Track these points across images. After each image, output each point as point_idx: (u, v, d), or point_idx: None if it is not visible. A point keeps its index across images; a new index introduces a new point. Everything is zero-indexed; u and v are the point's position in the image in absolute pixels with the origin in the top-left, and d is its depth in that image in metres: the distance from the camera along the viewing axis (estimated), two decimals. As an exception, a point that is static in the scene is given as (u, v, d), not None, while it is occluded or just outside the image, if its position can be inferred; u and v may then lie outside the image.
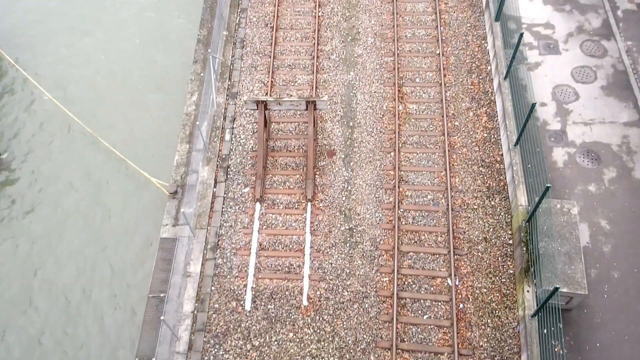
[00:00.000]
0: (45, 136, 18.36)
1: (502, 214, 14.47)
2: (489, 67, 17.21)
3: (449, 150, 15.63)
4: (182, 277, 13.82)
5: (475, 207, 14.64)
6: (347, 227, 14.58)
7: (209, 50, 17.32)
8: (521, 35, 14.65)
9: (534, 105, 13.26)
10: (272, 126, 16.53)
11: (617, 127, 14.90)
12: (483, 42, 17.79)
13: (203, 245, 14.31)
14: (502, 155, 15.43)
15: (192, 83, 17.15)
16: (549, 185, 11.81)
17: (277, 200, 15.11)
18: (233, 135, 16.36)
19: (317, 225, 14.64)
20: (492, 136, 15.86)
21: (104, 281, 15.76)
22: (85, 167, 17.66)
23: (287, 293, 13.64)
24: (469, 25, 18.24)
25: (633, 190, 13.85)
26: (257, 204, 14.97)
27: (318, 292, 13.62)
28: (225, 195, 15.24)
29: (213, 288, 13.77)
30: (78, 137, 18.15)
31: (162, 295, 13.50)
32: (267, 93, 17.11)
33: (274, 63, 17.76)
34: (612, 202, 13.71)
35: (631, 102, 15.27)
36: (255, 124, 16.50)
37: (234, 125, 16.55)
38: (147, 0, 21.83)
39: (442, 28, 18.19)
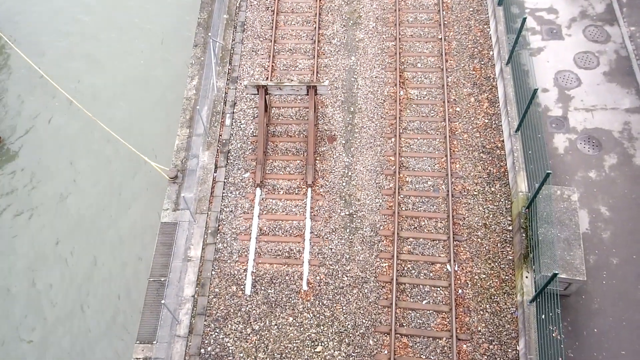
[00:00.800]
0: (43, 120, 18.32)
1: (502, 200, 14.48)
2: (491, 53, 17.08)
3: (449, 136, 15.58)
4: (183, 261, 13.88)
5: (475, 193, 14.65)
6: (347, 213, 14.61)
7: (209, 34, 17.18)
8: (524, 20, 14.51)
9: (535, 91, 13.19)
10: (273, 111, 16.47)
11: (618, 114, 14.83)
12: (485, 26, 17.63)
13: (203, 230, 14.36)
14: (503, 141, 15.39)
15: (192, 67, 17.05)
16: (549, 171, 11.79)
17: (278, 186, 15.12)
18: (233, 120, 16.31)
19: (317, 210, 14.66)
20: (493, 122, 15.80)
21: (104, 265, 15.84)
22: (84, 152, 17.65)
23: (287, 278, 13.72)
24: (471, 9, 18.06)
25: (634, 177, 13.83)
26: (258, 189, 14.98)
27: (318, 277, 13.69)
28: (225, 180, 15.24)
29: (213, 272, 13.85)
30: (77, 121, 18.11)
31: (162, 279, 13.58)
32: (267, 77, 17.02)
33: (275, 47, 17.63)
34: (613, 188, 13.70)
35: (633, 88, 15.18)
36: (255, 108, 16.44)
37: (235, 110, 16.49)
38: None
39: (444, 12, 18.02)
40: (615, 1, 16.80)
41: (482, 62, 16.93)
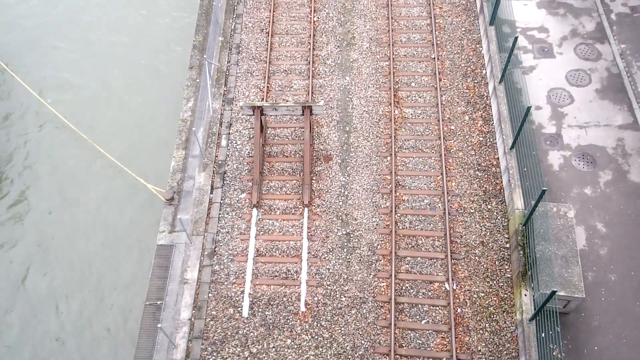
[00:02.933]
0: (39, 142, 18.31)
1: (498, 217, 14.49)
2: (484, 71, 17.26)
3: (445, 154, 15.65)
4: (179, 284, 13.77)
5: (472, 211, 14.66)
6: (344, 232, 14.57)
7: (205, 56, 17.32)
8: (515, 39, 14.71)
9: (529, 108, 13.31)
10: (269, 131, 16.53)
11: (612, 130, 14.96)
12: (478, 46, 17.85)
13: (200, 252, 14.28)
14: (498, 158, 15.47)
15: (188, 89, 17.14)
16: (545, 188, 11.84)
17: (274, 206, 15.09)
18: (229, 141, 16.34)
19: (314, 230, 14.62)
20: (488, 140, 15.90)
21: (100, 289, 15.69)
22: (80, 174, 17.60)
23: (284, 299, 13.61)
24: (463, 29, 18.31)
25: (629, 193, 13.89)
26: (254, 209, 14.95)
27: (315, 298, 13.59)
28: (222, 201, 15.21)
29: (210, 295, 13.73)
30: (73, 143, 18.10)
31: (159, 302, 13.45)
32: (263, 98, 17.11)
33: (270, 68, 17.77)
34: (608, 205, 13.75)
35: (625, 105, 15.35)
36: (251, 129, 16.50)
37: (230, 131, 16.55)
38: (141, 5, 21.83)
39: (437, 32, 18.25)
40: (605, 20, 17.08)
41: (476, 81, 17.10)
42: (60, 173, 17.65)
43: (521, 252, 13.13)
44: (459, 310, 13.18)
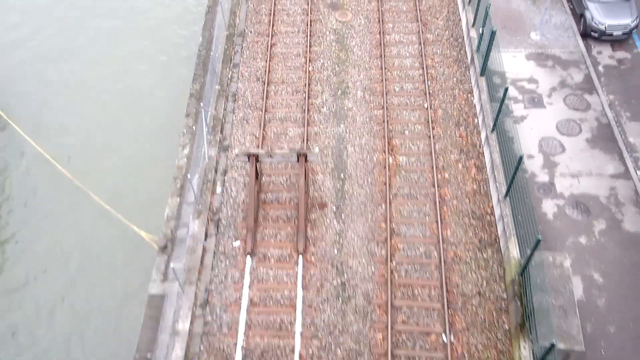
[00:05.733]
0: (31, 187, 18.21)
1: (494, 266, 14.40)
2: (476, 120, 17.56)
3: (439, 202, 15.69)
4: (171, 335, 13.41)
5: (467, 260, 14.57)
6: (339, 281, 14.38)
7: (201, 104, 17.53)
8: (506, 89, 15.04)
9: (521, 157, 13.46)
10: (264, 178, 16.56)
11: (604, 179, 15.12)
12: (469, 95, 18.23)
13: (192, 302, 13.99)
14: (492, 207, 15.52)
15: (184, 136, 17.25)
16: (539, 237, 11.82)
17: (269, 254, 14.94)
18: (224, 188, 16.33)
19: (309, 279, 14.43)
20: (482, 188, 15.99)
21: (90, 340, 15.25)
22: (72, 221, 17.43)
23: (278, 352, 13.26)
24: (455, 79, 18.73)
25: (623, 242, 13.91)
26: (248, 257, 14.78)
27: (310, 350, 13.26)
28: (215, 249, 15.04)
29: (202, 347, 13.36)
30: (66, 189, 17.99)
31: (148, 355, 13.05)
32: (258, 146, 17.23)
33: (266, 116, 17.99)
34: (604, 254, 13.73)
35: (616, 154, 15.58)
36: (246, 176, 16.52)
37: (225, 178, 16.56)
38: (141, 54, 22.26)
39: (429, 82, 18.65)
40: (593, 71, 17.57)
41: (468, 129, 17.36)
42: (49, 216, 17.47)
43: (518, 303, 12.98)
44: (457, 362, 12.88)
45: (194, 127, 17.40)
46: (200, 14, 22.42)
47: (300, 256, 14.77)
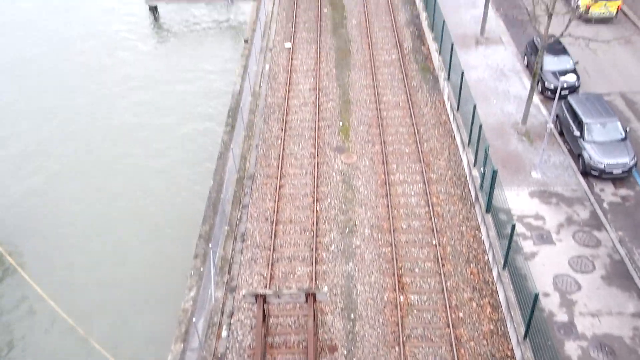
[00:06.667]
0: (31, 333, 17.61)
1: (521, 418, 13.19)
2: (486, 257, 17.39)
3: (456, 344, 14.91)
4: None
5: (491, 410, 13.42)
6: None
7: (210, 245, 17.61)
8: (513, 226, 15.10)
9: (536, 295, 13.06)
10: (271, 320, 15.99)
11: (625, 319, 14.48)
12: (477, 232, 18.29)
13: None
14: (512, 349, 14.68)
15: (191, 278, 17.06)
16: (568, 386, 10.98)
17: (275, 405, 13.86)
18: (230, 332, 15.71)
19: None
20: (499, 328, 15.29)
21: None
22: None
23: None
24: (461, 216, 18.96)
25: (658, 389, 12.89)
26: (253, 410, 13.70)
27: None
28: (218, 400, 14.02)
29: None
30: (66, 335, 17.39)
31: None
32: (266, 286, 16.94)
33: (274, 255, 17.94)
34: (639, 402, 12.65)
35: (634, 291, 15.12)
36: (253, 318, 15.98)
37: (232, 321, 16.01)
38: (152, 193, 22.99)
39: (435, 219, 18.86)
40: (598, 208, 17.78)
41: (479, 266, 17.12)
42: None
43: None
44: None
45: (201, 269, 17.29)
46: (212, 153, 23.40)
47: (310, 407, 13.68)
